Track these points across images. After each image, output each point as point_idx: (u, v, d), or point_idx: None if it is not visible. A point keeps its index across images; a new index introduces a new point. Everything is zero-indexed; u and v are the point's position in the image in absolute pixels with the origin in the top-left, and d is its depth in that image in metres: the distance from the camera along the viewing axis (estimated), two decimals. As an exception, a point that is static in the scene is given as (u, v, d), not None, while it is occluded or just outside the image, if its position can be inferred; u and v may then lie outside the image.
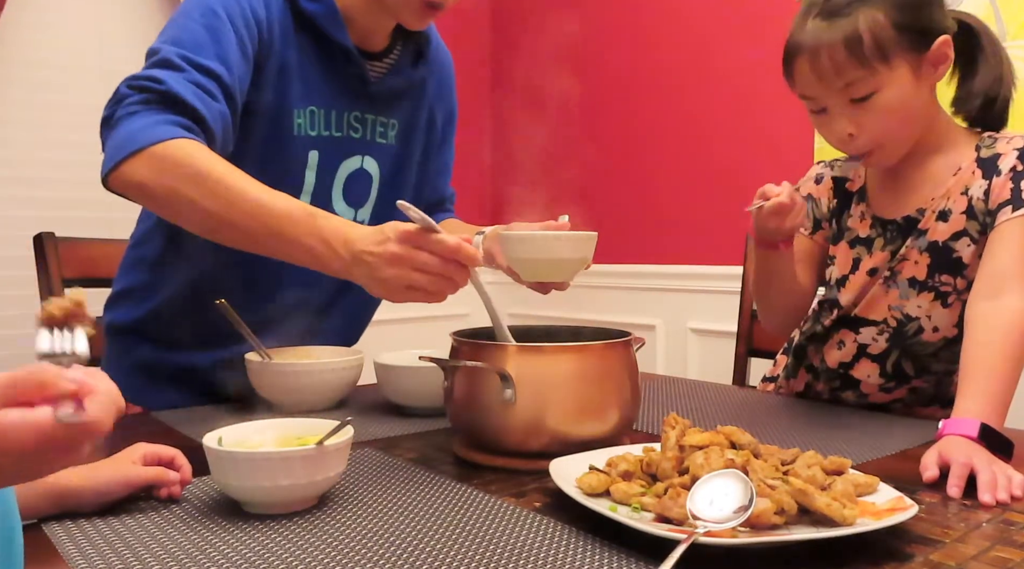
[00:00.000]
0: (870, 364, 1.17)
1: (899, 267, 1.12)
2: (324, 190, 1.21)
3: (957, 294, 1.08)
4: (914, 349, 1.14)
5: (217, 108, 1.02)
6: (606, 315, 2.68)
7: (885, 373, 1.17)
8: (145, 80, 0.98)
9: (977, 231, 1.06)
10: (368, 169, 1.26)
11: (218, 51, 1.03)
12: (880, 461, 0.90)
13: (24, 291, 1.85)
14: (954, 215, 1.07)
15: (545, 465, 0.76)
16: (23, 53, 2.34)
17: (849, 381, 1.21)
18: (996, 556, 0.63)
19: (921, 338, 1.13)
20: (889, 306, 1.14)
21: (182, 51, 1.01)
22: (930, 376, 1.16)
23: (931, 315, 1.11)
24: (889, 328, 1.14)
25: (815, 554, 0.62)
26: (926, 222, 1.10)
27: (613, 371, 0.87)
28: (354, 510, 0.73)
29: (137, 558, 0.62)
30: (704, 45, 2.50)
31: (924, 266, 1.10)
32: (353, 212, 1.27)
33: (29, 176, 2.34)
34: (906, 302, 1.12)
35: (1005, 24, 1.82)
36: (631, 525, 0.63)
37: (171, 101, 0.97)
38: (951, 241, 1.08)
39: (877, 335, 1.16)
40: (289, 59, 1.14)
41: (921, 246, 1.10)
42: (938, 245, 1.08)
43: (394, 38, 1.26)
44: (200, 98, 0.99)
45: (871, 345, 1.17)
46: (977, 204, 1.05)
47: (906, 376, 1.16)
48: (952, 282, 1.08)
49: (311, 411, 1.11)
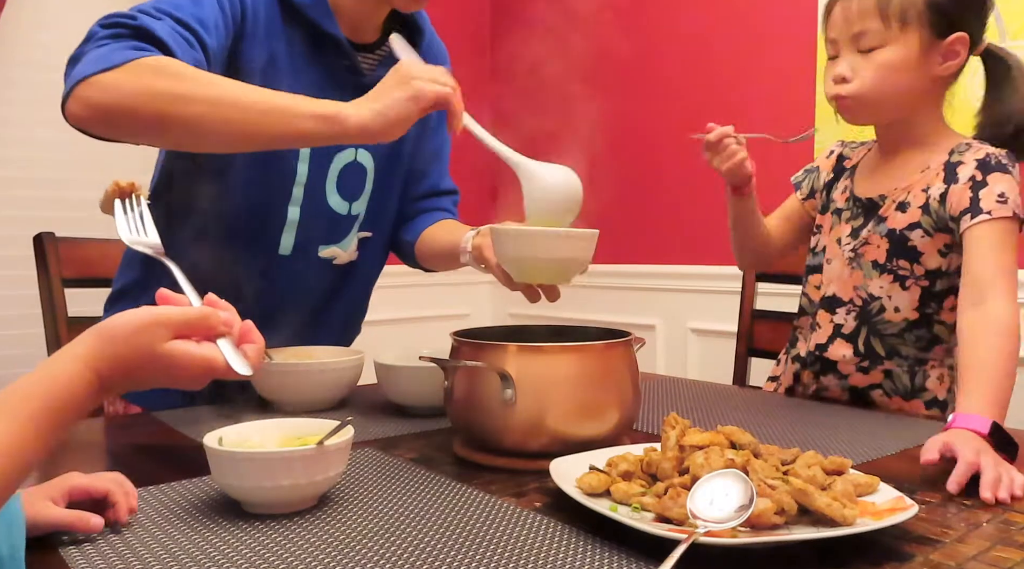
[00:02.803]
0: (843, 344, 1.24)
1: (863, 249, 1.21)
2: (317, 182, 1.21)
3: (915, 279, 1.17)
4: (879, 328, 1.21)
5: (191, 53, 0.98)
6: (606, 315, 2.68)
7: (858, 352, 1.22)
8: (119, 17, 0.95)
9: (931, 226, 1.14)
10: (362, 162, 1.26)
11: (196, 13, 1.01)
12: (880, 461, 0.90)
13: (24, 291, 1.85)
14: (911, 208, 1.16)
15: (545, 465, 0.76)
16: (23, 53, 2.34)
17: (827, 364, 1.26)
18: (996, 556, 0.63)
19: (884, 317, 1.20)
20: (855, 286, 1.22)
21: (159, 5, 0.99)
22: (901, 360, 1.21)
23: (891, 296, 1.19)
24: (856, 307, 1.22)
25: (815, 554, 0.62)
26: (886, 210, 1.19)
27: (613, 371, 0.87)
28: (354, 510, 0.73)
29: (137, 557, 0.62)
30: (706, 46, 2.50)
31: (884, 250, 1.19)
32: (347, 205, 1.26)
33: (29, 176, 2.34)
34: (870, 282, 1.21)
35: (1005, 24, 1.82)
36: (631, 525, 0.63)
37: (145, 36, 0.93)
38: (907, 231, 1.16)
39: (846, 315, 1.24)
40: (277, 51, 1.13)
41: (881, 232, 1.19)
42: (896, 233, 1.17)
43: (386, 30, 1.25)
44: (175, 40, 0.96)
45: (843, 325, 1.24)
46: (933, 203, 1.14)
47: (878, 356, 1.21)
48: (909, 268, 1.17)
49: (311, 411, 1.11)
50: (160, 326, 0.55)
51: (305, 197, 1.20)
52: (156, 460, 0.93)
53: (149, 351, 0.54)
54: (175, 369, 0.55)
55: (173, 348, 0.55)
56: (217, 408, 1.17)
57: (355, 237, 1.30)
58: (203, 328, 0.57)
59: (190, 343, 0.56)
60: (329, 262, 1.28)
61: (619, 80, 2.75)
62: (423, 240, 1.35)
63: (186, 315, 0.56)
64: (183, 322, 0.56)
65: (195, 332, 0.56)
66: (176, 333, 0.55)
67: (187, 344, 0.56)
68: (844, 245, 1.24)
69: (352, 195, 1.26)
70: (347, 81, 1.19)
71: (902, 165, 1.20)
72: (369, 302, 1.43)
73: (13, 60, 2.32)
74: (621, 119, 2.74)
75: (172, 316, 0.55)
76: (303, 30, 1.15)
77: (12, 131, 2.32)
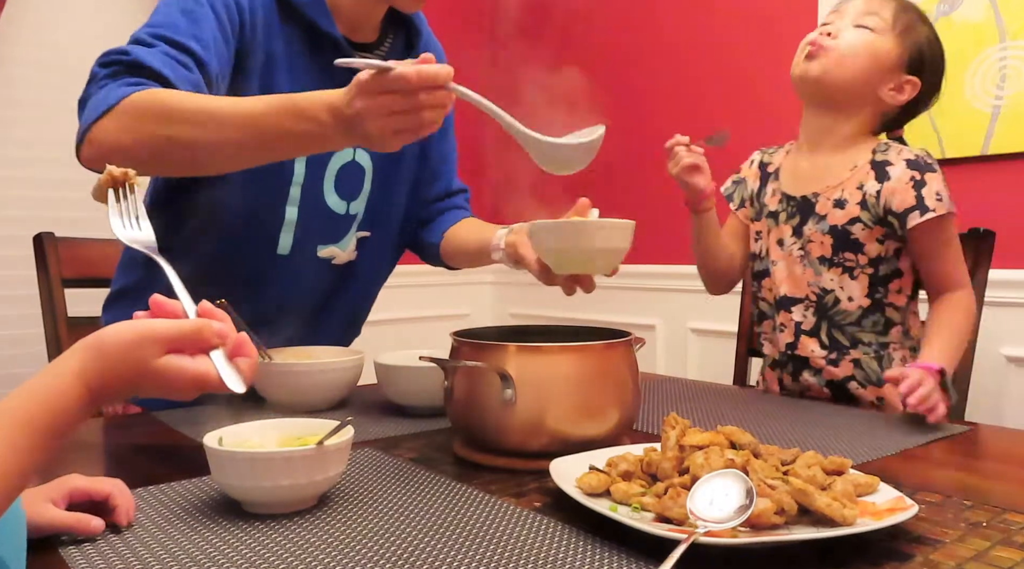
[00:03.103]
0: (809, 340, 1.31)
1: (808, 248, 1.29)
2: (315, 182, 1.21)
3: (861, 268, 1.27)
4: (838, 319, 1.29)
5: (187, 76, 1.00)
6: (606, 315, 2.68)
7: (824, 345, 1.30)
8: (114, 54, 0.99)
9: (870, 220, 1.25)
10: (360, 162, 1.26)
11: (194, 31, 1.03)
12: (880, 461, 0.90)
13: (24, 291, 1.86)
14: (850, 204, 1.26)
15: (545, 465, 0.76)
16: (23, 53, 2.34)
17: (799, 362, 1.33)
18: (996, 556, 0.63)
19: (840, 308, 1.28)
20: (808, 283, 1.30)
21: (155, 30, 1.02)
22: (866, 347, 1.28)
23: (843, 286, 1.28)
24: (812, 303, 1.30)
25: (815, 554, 0.62)
26: (823, 207, 1.28)
27: (613, 371, 0.87)
28: (354, 510, 0.73)
29: (137, 557, 0.62)
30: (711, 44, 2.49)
31: (829, 246, 1.28)
32: (345, 205, 1.26)
33: (29, 176, 2.34)
34: (820, 277, 1.29)
35: (1005, 24, 1.82)
36: (631, 525, 0.63)
37: (136, 68, 0.97)
38: (848, 225, 1.26)
39: (805, 311, 1.31)
40: (275, 51, 1.13)
41: (823, 229, 1.28)
42: (838, 228, 1.26)
43: (384, 30, 1.25)
44: (170, 66, 0.98)
45: (803, 322, 1.31)
46: (870, 199, 1.24)
47: (843, 346, 1.29)
48: (855, 258, 1.27)
49: (311, 411, 1.11)
50: (153, 342, 0.54)
51: (303, 197, 1.20)
52: (156, 460, 0.93)
53: (142, 367, 0.54)
54: (167, 384, 0.55)
55: (167, 365, 0.54)
56: (217, 408, 1.17)
57: (353, 237, 1.30)
58: (196, 342, 0.56)
59: (183, 358, 0.55)
60: (328, 262, 1.28)
61: (619, 81, 2.75)
62: (448, 240, 1.38)
63: (180, 329, 0.55)
64: (176, 336, 0.55)
65: (188, 346, 0.56)
66: (169, 348, 0.55)
67: (180, 360, 0.55)
68: (789, 245, 1.32)
69: (350, 195, 1.26)
70: (345, 81, 1.19)
71: (828, 164, 1.30)
72: (373, 303, 1.43)
73: (13, 60, 2.32)
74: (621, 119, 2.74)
75: (165, 331, 0.55)
76: (301, 29, 1.15)
77: (12, 131, 2.32)
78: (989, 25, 1.84)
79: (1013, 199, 1.84)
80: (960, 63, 1.87)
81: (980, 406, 1.75)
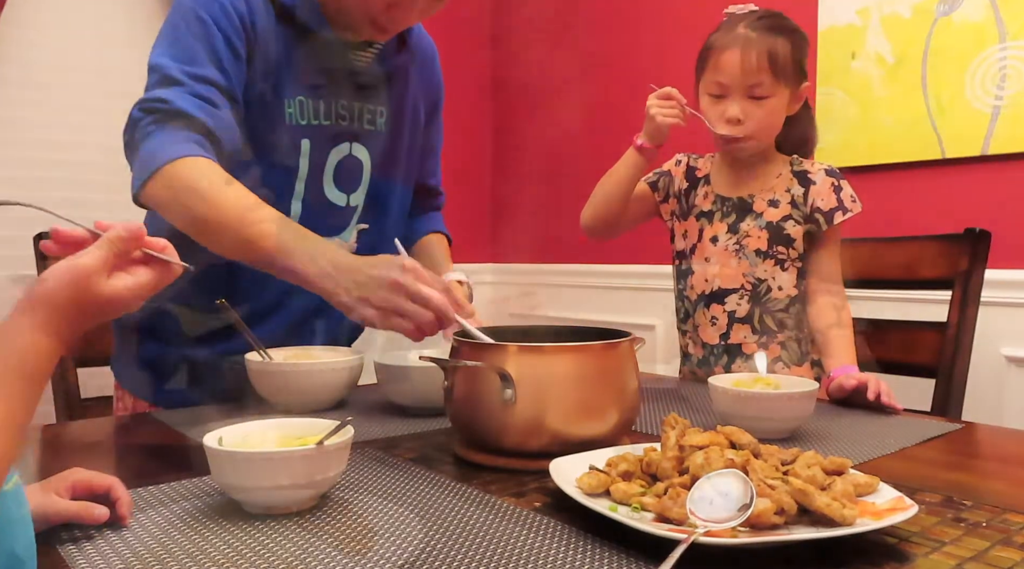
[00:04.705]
0: (742, 327, 1.43)
1: (745, 242, 1.43)
2: (316, 176, 1.24)
3: (791, 261, 1.42)
4: (769, 306, 1.43)
5: (220, 116, 1.08)
6: (606, 315, 2.68)
7: (755, 330, 1.43)
8: (153, 102, 1.06)
9: (800, 218, 1.42)
10: (358, 155, 1.29)
11: (212, 58, 1.09)
12: (880, 461, 0.90)
13: (24, 291, 1.85)
14: (782, 204, 1.43)
15: (545, 465, 0.76)
16: (23, 53, 2.34)
17: (732, 350, 1.43)
18: (996, 556, 0.63)
19: (772, 296, 1.43)
20: (743, 273, 1.43)
21: (180, 66, 1.08)
22: (790, 332, 1.43)
23: (775, 277, 1.42)
24: (747, 292, 1.43)
25: (815, 554, 0.62)
26: (759, 206, 1.44)
27: (613, 371, 0.87)
28: (354, 510, 0.73)
29: (137, 557, 0.62)
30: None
31: (764, 240, 1.42)
32: (345, 197, 1.29)
33: (29, 176, 2.34)
34: (755, 269, 1.42)
35: (1005, 24, 1.82)
36: (631, 525, 0.63)
37: (178, 116, 1.06)
38: (782, 222, 1.42)
39: (739, 300, 1.43)
40: (274, 51, 1.16)
41: (761, 225, 1.43)
42: (773, 224, 1.42)
43: None
44: (204, 110, 1.06)
45: (737, 310, 1.43)
46: (798, 200, 1.42)
47: (772, 331, 1.43)
48: (786, 252, 1.42)
49: (311, 411, 1.10)
50: (95, 274, 0.59)
51: (306, 191, 1.24)
52: (156, 460, 0.93)
53: (100, 301, 0.59)
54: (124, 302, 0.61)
55: (115, 288, 0.60)
56: (217, 408, 1.17)
57: (354, 229, 1.33)
58: (120, 255, 0.62)
59: (123, 276, 0.62)
60: None
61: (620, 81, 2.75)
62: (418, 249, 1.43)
63: (105, 251, 0.60)
64: (107, 259, 0.60)
65: (118, 260, 0.61)
66: (107, 271, 0.60)
67: (123, 279, 0.61)
68: (724, 241, 1.44)
69: (350, 187, 1.30)
70: (341, 78, 1.22)
71: (755, 172, 1.46)
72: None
73: (13, 60, 2.32)
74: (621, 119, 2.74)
75: (96, 262, 0.59)
76: (296, 30, 1.18)
77: (13, 131, 2.32)
78: (989, 25, 1.84)
79: (1013, 199, 1.84)
80: (960, 63, 1.87)
81: (979, 406, 1.75)
